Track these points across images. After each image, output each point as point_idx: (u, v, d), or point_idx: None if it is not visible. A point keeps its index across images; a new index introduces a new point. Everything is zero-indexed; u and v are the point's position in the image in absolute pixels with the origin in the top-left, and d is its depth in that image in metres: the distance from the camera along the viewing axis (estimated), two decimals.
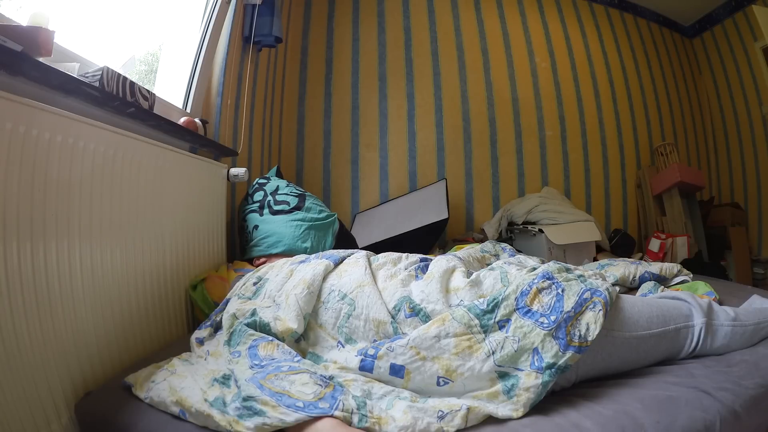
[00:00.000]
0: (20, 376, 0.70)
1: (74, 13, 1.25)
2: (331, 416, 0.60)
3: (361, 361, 0.74)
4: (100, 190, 0.90)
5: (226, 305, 0.96)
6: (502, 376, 0.70)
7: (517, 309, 0.75)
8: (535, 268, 0.86)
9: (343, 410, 0.61)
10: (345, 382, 0.71)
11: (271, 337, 0.79)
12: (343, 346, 0.81)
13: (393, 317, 0.81)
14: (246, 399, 0.64)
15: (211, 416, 0.64)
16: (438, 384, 0.71)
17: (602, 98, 3.20)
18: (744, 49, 3.23)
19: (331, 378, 0.69)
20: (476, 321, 0.74)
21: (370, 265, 0.94)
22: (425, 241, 2.13)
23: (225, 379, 0.73)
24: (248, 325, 0.82)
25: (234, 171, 1.60)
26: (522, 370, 0.69)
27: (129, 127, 1.07)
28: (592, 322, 0.72)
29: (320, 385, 0.66)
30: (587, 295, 0.76)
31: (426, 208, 2.24)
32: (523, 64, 3.05)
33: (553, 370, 0.68)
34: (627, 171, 3.23)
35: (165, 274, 1.15)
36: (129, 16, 1.53)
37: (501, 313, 0.74)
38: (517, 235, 2.61)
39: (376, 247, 1.96)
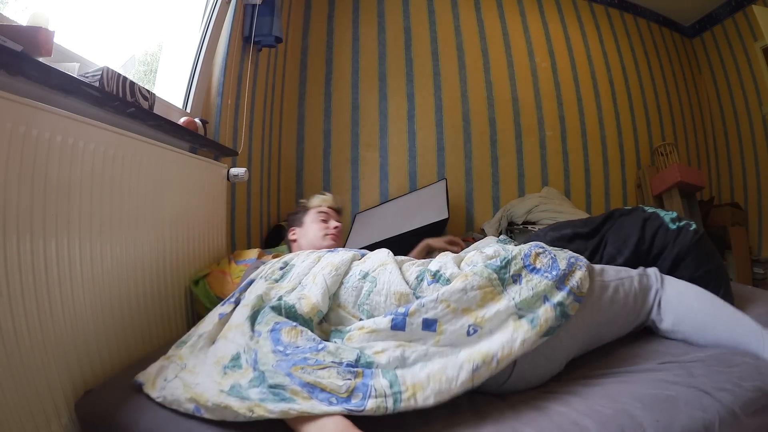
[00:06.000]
0: (20, 375, 0.70)
1: (74, 13, 1.25)
2: (348, 414, 0.61)
3: (393, 320, 0.76)
4: (100, 190, 0.90)
5: (249, 285, 0.95)
6: (522, 317, 0.77)
7: (525, 266, 0.85)
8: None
9: (376, 396, 0.62)
10: (374, 354, 0.71)
11: (294, 323, 0.77)
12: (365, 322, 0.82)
13: (413, 289, 0.85)
14: (274, 387, 0.64)
15: (229, 406, 0.63)
16: (468, 333, 0.75)
17: (602, 98, 3.20)
18: (744, 49, 3.23)
19: (357, 361, 0.69)
20: (495, 275, 0.82)
21: (392, 255, 0.99)
22: None
23: (235, 361, 0.72)
24: (273, 308, 0.82)
25: (234, 171, 1.60)
26: (539, 309, 0.78)
27: (129, 127, 1.07)
28: (583, 278, 0.84)
29: (349, 379, 0.65)
30: (573, 260, 0.89)
31: (426, 208, 2.24)
32: (523, 64, 3.05)
33: (562, 308, 0.78)
34: (627, 171, 3.23)
35: (165, 274, 1.15)
36: (129, 16, 1.53)
37: (513, 269, 0.84)
38: (517, 235, 2.61)
39: (376, 247, 1.96)
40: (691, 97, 3.60)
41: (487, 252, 0.93)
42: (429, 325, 0.75)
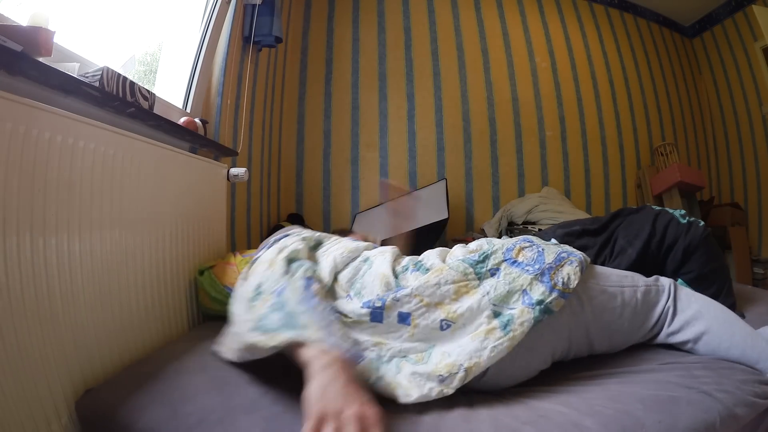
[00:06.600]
0: (20, 374, 0.70)
1: (74, 13, 1.25)
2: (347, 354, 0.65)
3: (371, 313, 0.78)
4: (100, 190, 0.90)
5: (284, 238, 0.98)
6: (497, 315, 0.76)
7: (505, 260, 0.84)
8: None
9: (366, 366, 0.69)
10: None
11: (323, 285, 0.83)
12: (352, 299, 0.85)
13: (397, 275, 0.86)
14: (292, 314, 0.68)
15: (255, 344, 0.67)
16: (441, 328, 0.76)
17: (602, 98, 3.20)
18: (744, 49, 3.24)
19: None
20: (471, 269, 0.82)
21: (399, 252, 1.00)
22: (425, 241, 2.13)
23: (256, 290, 0.77)
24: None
25: (234, 171, 1.60)
26: (514, 309, 0.76)
27: (129, 127, 1.07)
28: (572, 273, 0.80)
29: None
30: (564, 255, 0.85)
31: (426, 208, 2.24)
32: (523, 64, 3.06)
33: (542, 306, 0.75)
34: (627, 171, 3.23)
35: (165, 274, 1.15)
36: (129, 16, 1.53)
37: (491, 263, 0.83)
38: (517, 235, 2.61)
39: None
40: (691, 97, 3.61)
41: (470, 245, 0.92)
42: (403, 318, 0.77)
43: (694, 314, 0.87)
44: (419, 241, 2.09)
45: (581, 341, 0.83)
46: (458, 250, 0.92)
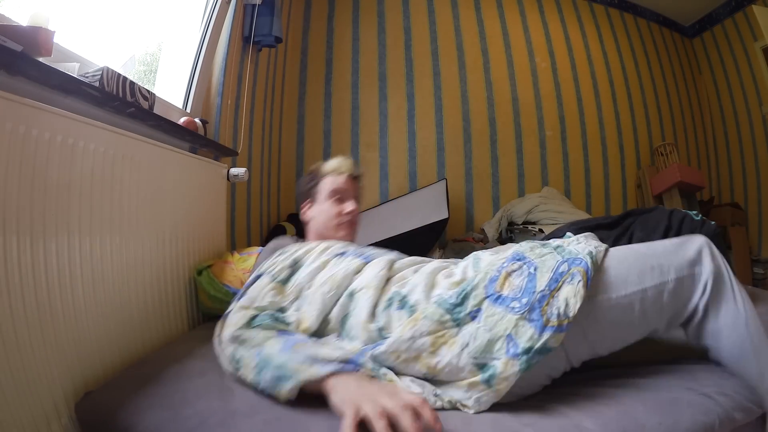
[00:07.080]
0: (20, 376, 0.70)
1: (74, 13, 1.25)
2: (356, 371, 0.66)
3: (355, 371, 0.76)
4: (99, 190, 0.90)
5: (256, 280, 0.93)
6: (481, 366, 0.68)
7: (487, 297, 0.73)
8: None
9: (365, 370, 0.69)
10: None
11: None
12: (342, 339, 0.83)
13: (377, 316, 0.80)
14: (279, 366, 0.68)
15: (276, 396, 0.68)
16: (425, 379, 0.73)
17: (602, 98, 3.20)
18: (744, 49, 3.24)
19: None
20: (448, 316, 0.72)
21: (390, 267, 0.91)
22: (425, 241, 2.13)
23: (235, 361, 0.75)
24: (275, 319, 0.84)
25: (234, 171, 1.60)
26: (499, 359, 0.67)
27: (129, 127, 1.06)
28: (571, 296, 0.68)
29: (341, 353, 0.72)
30: (564, 267, 0.72)
31: (426, 208, 2.24)
32: (523, 64, 3.05)
33: (530, 354, 0.65)
34: (627, 171, 3.23)
35: (165, 274, 1.15)
36: (129, 16, 1.53)
37: (471, 303, 0.73)
38: (517, 235, 2.61)
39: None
40: (691, 97, 3.61)
41: (455, 275, 0.83)
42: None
43: (715, 331, 0.73)
44: (420, 241, 2.09)
45: (583, 357, 0.76)
46: (442, 280, 0.83)
